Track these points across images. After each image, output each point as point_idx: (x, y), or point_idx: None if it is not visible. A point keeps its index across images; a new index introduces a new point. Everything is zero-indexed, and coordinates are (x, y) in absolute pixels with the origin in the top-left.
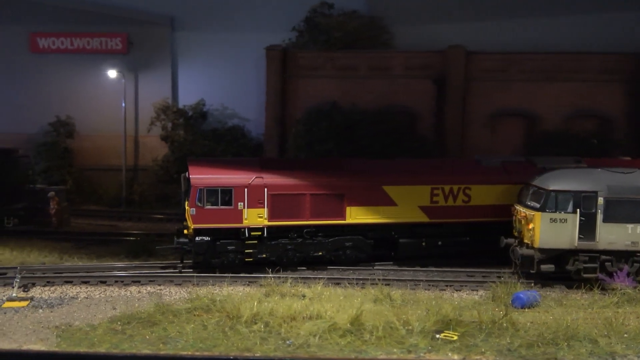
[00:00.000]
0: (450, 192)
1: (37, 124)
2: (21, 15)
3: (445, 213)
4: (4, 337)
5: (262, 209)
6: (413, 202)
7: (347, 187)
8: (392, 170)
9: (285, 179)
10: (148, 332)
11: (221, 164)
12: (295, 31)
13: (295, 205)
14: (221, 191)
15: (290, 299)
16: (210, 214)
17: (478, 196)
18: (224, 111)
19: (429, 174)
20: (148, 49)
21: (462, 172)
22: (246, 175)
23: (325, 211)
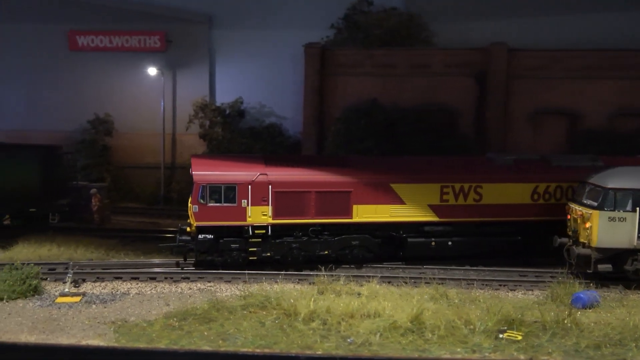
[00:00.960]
0: (461, 190)
1: (75, 121)
2: (60, 14)
3: (456, 212)
4: (62, 332)
5: (266, 207)
6: (422, 201)
7: (353, 185)
8: (401, 167)
9: (290, 176)
10: (205, 329)
11: (225, 160)
12: (333, 29)
13: (300, 203)
14: (224, 188)
15: (346, 297)
16: (213, 212)
17: (490, 195)
18: (261, 109)
19: (439, 172)
20: (186, 47)
21: (473, 170)
22: (250, 172)
23: (331, 209)
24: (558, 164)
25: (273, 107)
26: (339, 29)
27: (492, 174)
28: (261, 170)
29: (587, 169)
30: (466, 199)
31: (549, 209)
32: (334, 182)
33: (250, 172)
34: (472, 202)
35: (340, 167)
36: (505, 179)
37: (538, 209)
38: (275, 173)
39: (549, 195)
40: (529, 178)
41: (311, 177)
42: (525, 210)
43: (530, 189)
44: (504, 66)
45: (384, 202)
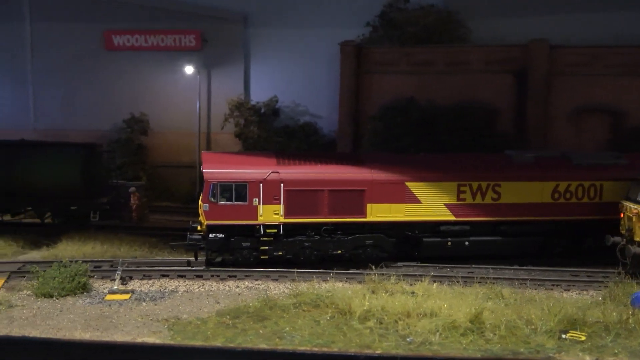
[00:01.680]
0: (479, 189)
1: (111, 120)
2: (96, 13)
3: (473, 211)
4: (116, 329)
5: (277, 205)
6: (438, 200)
7: (367, 183)
8: (416, 165)
9: (302, 174)
10: (260, 327)
11: (236, 158)
12: (369, 26)
13: (312, 202)
14: (235, 186)
15: (400, 296)
16: (224, 210)
17: (508, 193)
18: (295, 108)
19: (456, 170)
20: (221, 46)
21: (491, 168)
22: (261, 170)
23: (345, 208)
24: (579, 162)
25: (307, 105)
26: (375, 27)
27: (511, 172)
28: (273, 168)
29: (610, 167)
30: (484, 198)
31: (571, 208)
32: (347, 180)
33: (261, 170)
34: (490, 201)
35: (354, 165)
36: (525, 177)
37: (559, 209)
38: (287, 171)
39: (570, 194)
40: (549, 176)
41: (324, 175)
42: (546, 210)
43: (551, 188)
44: (544, 63)
45: (398, 201)
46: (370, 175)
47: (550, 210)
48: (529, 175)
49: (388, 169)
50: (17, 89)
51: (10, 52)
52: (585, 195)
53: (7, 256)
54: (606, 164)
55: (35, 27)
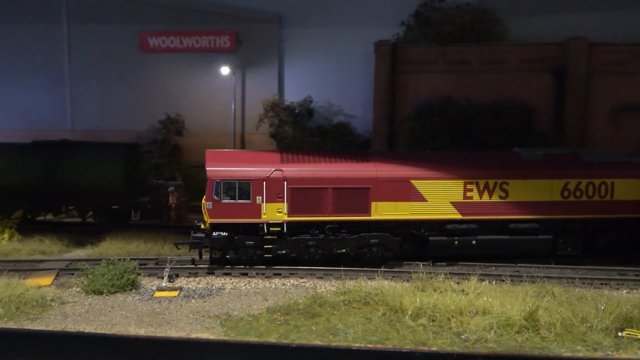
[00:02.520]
0: (486, 187)
1: (146, 121)
2: (132, 15)
3: (480, 210)
4: (169, 325)
5: (281, 204)
6: (444, 198)
7: (372, 181)
8: (422, 163)
9: (306, 172)
10: (312, 323)
11: (241, 156)
12: (403, 26)
13: (316, 200)
14: (238, 184)
15: (451, 294)
16: (227, 208)
17: (516, 192)
18: (329, 108)
19: (462, 168)
20: (256, 47)
21: (498, 166)
22: (265, 168)
23: (349, 206)
24: (590, 159)
25: (342, 105)
26: (409, 26)
27: (519, 170)
28: (276, 166)
29: (622, 165)
30: (491, 196)
31: (581, 207)
32: (352, 178)
33: (265, 168)
34: (497, 199)
35: (358, 162)
36: (533, 175)
37: (569, 207)
38: (290, 169)
39: (580, 192)
40: (558, 174)
41: (328, 173)
42: (555, 208)
43: (560, 186)
44: (583, 61)
45: (404, 199)
46: (375, 173)
47: (559, 209)
48: (537, 172)
49: (393, 166)
50: (55, 91)
51: (48, 54)
52: (596, 193)
53: (54, 254)
54: (618, 161)
55: (72, 29)
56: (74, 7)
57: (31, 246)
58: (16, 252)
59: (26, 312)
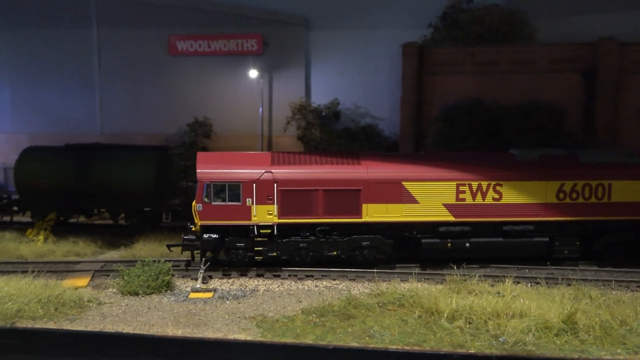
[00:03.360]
0: (479, 188)
1: (175, 124)
2: (160, 19)
3: (473, 212)
4: (206, 326)
5: (271, 206)
6: (436, 200)
7: (363, 183)
8: (413, 164)
9: (296, 174)
10: (347, 325)
11: (232, 158)
12: (430, 27)
13: (307, 202)
14: (228, 186)
15: (487, 296)
16: (217, 211)
17: (510, 194)
18: (356, 110)
19: (455, 169)
20: (283, 49)
21: (492, 167)
22: (255, 170)
23: (340, 208)
24: (588, 160)
25: (369, 107)
26: (437, 28)
27: (513, 171)
28: (266, 168)
29: (621, 166)
30: (484, 198)
31: (577, 209)
32: (342, 179)
33: (255, 170)
34: (491, 201)
35: (349, 164)
36: (528, 176)
37: (565, 209)
38: (281, 171)
39: (577, 194)
40: (553, 175)
41: (319, 175)
42: (551, 210)
43: (556, 187)
44: (614, 61)
45: (395, 201)
46: (366, 174)
47: (555, 211)
48: (532, 174)
49: (384, 168)
50: (85, 94)
51: (79, 58)
52: (592, 195)
53: (88, 256)
54: (616, 162)
55: (102, 33)
56: (104, 11)
57: (65, 248)
58: (51, 254)
59: (65, 312)
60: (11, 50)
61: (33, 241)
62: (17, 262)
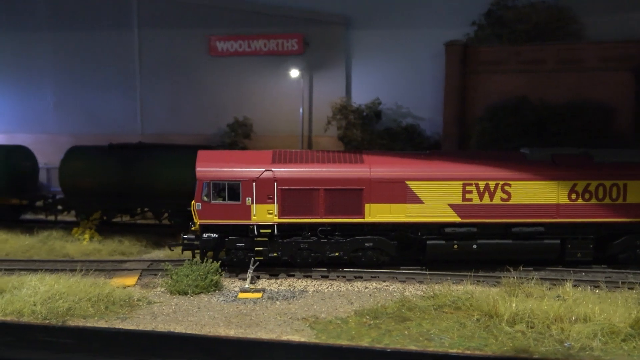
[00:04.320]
0: (486, 188)
1: (215, 125)
2: (201, 20)
3: (480, 212)
4: (258, 326)
5: (271, 205)
6: (442, 200)
7: (365, 182)
8: (418, 163)
9: (297, 173)
10: (403, 328)
11: (232, 157)
12: (474, 25)
13: (307, 201)
14: (228, 185)
15: (547, 300)
16: (217, 210)
17: (520, 194)
18: (397, 110)
19: (461, 168)
20: (323, 49)
21: (500, 167)
22: (255, 168)
23: (342, 208)
24: (602, 159)
25: (410, 107)
26: (480, 26)
27: (522, 171)
28: (266, 167)
29: (637, 166)
30: (492, 198)
31: (591, 210)
32: (344, 179)
33: (255, 169)
34: (499, 201)
35: (352, 163)
36: (538, 176)
37: (577, 210)
38: (281, 169)
39: (590, 194)
40: (565, 175)
41: (320, 174)
42: (562, 211)
43: (568, 187)
44: None
45: (399, 201)
46: (369, 173)
47: (567, 212)
48: (542, 174)
49: (387, 167)
50: (126, 95)
51: (120, 60)
52: (607, 195)
53: (133, 255)
54: (632, 162)
55: (143, 34)
56: (145, 13)
57: (111, 247)
58: (97, 253)
59: (115, 311)
60: (54, 53)
61: (79, 240)
62: (64, 260)
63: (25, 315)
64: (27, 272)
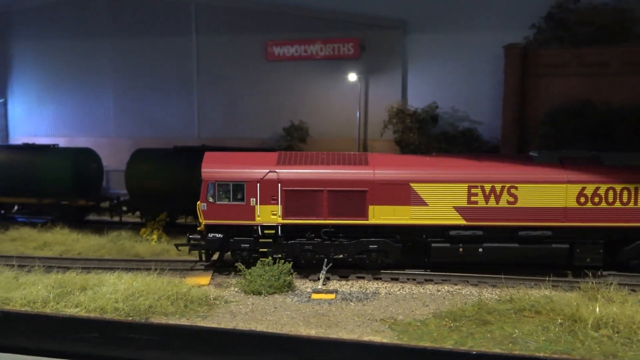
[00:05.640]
0: (492, 191)
1: (270, 129)
2: (258, 25)
3: (486, 215)
4: (337, 327)
5: (275, 206)
6: (447, 202)
7: (369, 184)
8: (422, 165)
9: (300, 174)
10: (485, 331)
11: (238, 158)
12: (534, 28)
13: (311, 203)
14: (232, 186)
15: (631, 304)
16: (221, 210)
17: (526, 197)
18: (454, 114)
19: (466, 171)
20: (379, 53)
21: (507, 169)
22: (259, 170)
23: (345, 210)
24: (612, 162)
25: (467, 111)
26: (540, 28)
27: (529, 174)
28: (271, 168)
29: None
30: (498, 201)
31: (600, 214)
32: (348, 180)
33: (259, 170)
34: (505, 204)
35: (356, 164)
36: (545, 178)
37: (586, 214)
38: (285, 171)
39: (599, 198)
40: (573, 178)
41: (323, 175)
42: (571, 215)
43: (576, 191)
44: None
45: (403, 203)
46: (373, 175)
47: (575, 216)
48: (550, 177)
49: (392, 168)
50: (184, 100)
51: (179, 65)
52: (617, 199)
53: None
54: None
55: (201, 40)
56: (203, 19)
57: None
58: (166, 253)
59: (194, 309)
60: (114, 59)
61: (147, 240)
62: (136, 260)
63: (108, 312)
64: (101, 270)
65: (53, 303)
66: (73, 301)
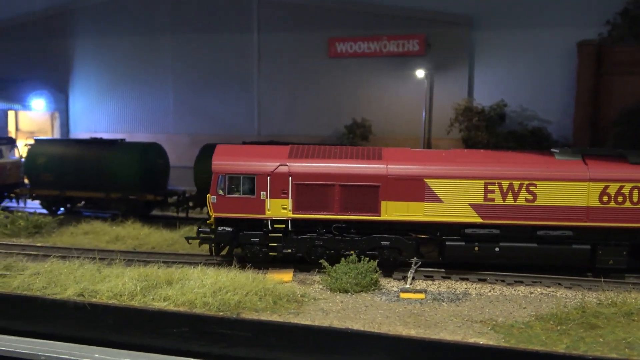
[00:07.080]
0: (510, 188)
1: (331, 126)
2: (320, 22)
3: (503, 213)
4: (437, 327)
5: (286, 200)
6: (462, 199)
7: (382, 179)
8: (437, 161)
9: (312, 168)
10: (595, 335)
11: (250, 151)
12: (608, 25)
13: (322, 197)
14: (243, 179)
15: None
16: (231, 203)
17: (546, 195)
18: (522, 112)
19: (483, 167)
20: (445, 50)
21: (525, 165)
22: (270, 163)
23: (357, 205)
24: (637, 160)
25: (536, 109)
26: (615, 25)
27: (550, 171)
28: (282, 161)
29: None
30: (516, 199)
31: (624, 214)
32: (360, 175)
33: (270, 163)
34: (523, 202)
35: (369, 159)
36: (566, 176)
37: (609, 214)
38: (296, 164)
39: (624, 197)
40: (596, 176)
41: (335, 169)
42: (593, 215)
43: (599, 190)
44: None
45: (417, 199)
46: (386, 170)
47: (598, 216)
48: (571, 174)
49: (406, 164)
50: (244, 97)
51: (239, 62)
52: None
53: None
54: None
55: (262, 37)
56: (265, 16)
57: None
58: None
59: (284, 306)
60: (174, 56)
61: None
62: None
63: (197, 306)
64: (180, 264)
65: (140, 296)
66: (161, 294)
